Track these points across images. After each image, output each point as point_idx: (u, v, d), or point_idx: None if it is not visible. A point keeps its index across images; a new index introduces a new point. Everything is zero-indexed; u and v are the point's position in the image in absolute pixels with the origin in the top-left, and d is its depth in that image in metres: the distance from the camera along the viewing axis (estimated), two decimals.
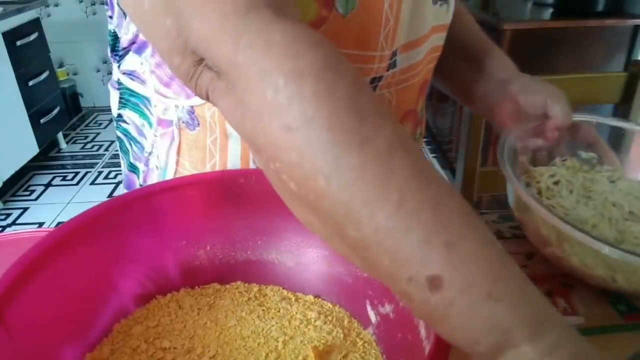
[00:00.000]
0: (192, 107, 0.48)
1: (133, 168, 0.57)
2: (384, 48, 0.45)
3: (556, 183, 0.54)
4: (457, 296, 0.23)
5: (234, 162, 0.49)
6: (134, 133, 0.55)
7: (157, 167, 0.54)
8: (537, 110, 0.55)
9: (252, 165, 0.49)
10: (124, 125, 0.56)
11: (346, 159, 0.24)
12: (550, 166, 0.56)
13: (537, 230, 0.47)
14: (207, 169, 0.51)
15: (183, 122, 0.50)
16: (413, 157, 0.26)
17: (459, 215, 0.25)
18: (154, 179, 0.55)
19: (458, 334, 0.24)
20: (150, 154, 0.54)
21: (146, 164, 0.55)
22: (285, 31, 0.27)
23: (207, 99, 0.31)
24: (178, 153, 0.52)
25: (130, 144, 0.56)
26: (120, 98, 0.55)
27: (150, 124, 0.53)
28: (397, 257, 0.24)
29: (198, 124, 0.49)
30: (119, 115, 0.57)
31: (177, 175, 0.53)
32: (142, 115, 0.53)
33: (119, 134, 0.58)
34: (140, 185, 0.57)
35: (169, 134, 0.52)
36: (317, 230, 0.29)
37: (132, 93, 0.53)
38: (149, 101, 0.52)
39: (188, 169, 0.52)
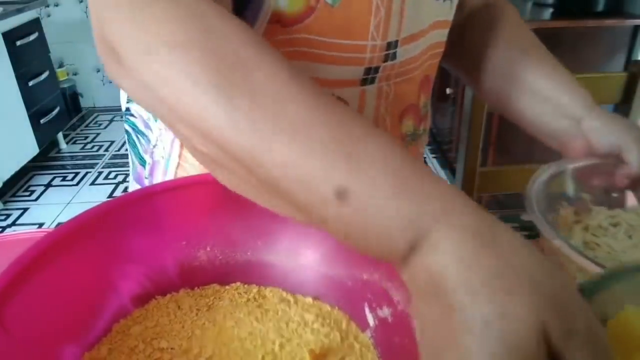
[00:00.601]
0: None
1: (143, 162, 0.58)
2: (375, 38, 0.45)
3: (615, 225, 0.49)
4: (365, 203, 0.24)
5: None
6: (141, 126, 0.56)
7: (162, 157, 0.55)
8: (611, 152, 0.51)
9: None
10: (131, 118, 0.58)
11: (237, 108, 0.26)
12: (618, 209, 0.51)
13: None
14: None
15: None
16: (307, 90, 0.27)
17: (357, 127, 0.26)
18: (159, 170, 0.56)
19: (376, 243, 0.25)
20: (155, 146, 0.55)
21: (152, 156, 0.56)
22: (167, 6, 0.29)
23: (118, 84, 0.33)
24: (181, 145, 0.53)
25: (138, 137, 0.58)
26: None
27: (156, 117, 0.53)
28: (304, 182, 0.25)
29: None
30: (127, 109, 0.58)
31: (179, 169, 0.54)
32: None
33: (127, 127, 0.59)
34: (146, 178, 0.58)
35: None
36: (241, 189, 0.31)
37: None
38: None
39: (190, 162, 0.53)
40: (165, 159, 0.54)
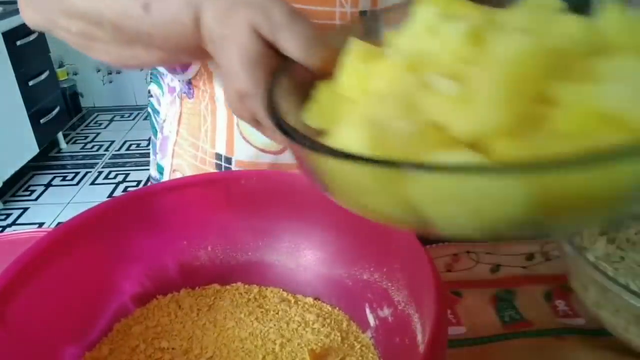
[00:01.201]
0: (189, 80, 0.55)
1: (157, 137, 0.64)
2: (344, 4, 0.45)
3: None
4: (161, 5, 0.36)
5: (221, 125, 0.53)
6: (156, 104, 0.62)
7: (170, 132, 0.59)
8: None
9: (236, 130, 0.53)
10: (150, 99, 0.64)
11: None
12: None
13: None
14: (202, 133, 0.55)
15: (184, 93, 0.56)
16: None
17: None
18: (165, 146, 0.60)
19: (178, 33, 0.36)
20: (164, 121, 0.60)
21: (162, 132, 0.61)
22: None
23: (31, 25, 0.45)
24: (178, 122, 0.57)
25: (154, 116, 0.63)
26: (150, 73, 0.65)
27: (163, 93, 0.60)
28: (127, 13, 0.37)
29: (193, 93, 0.56)
30: (148, 91, 0.65)
31: (177, 146, 0.58)
32: (159, 85, 0.61)
33: (149, 109, 0.66)
34: (157, 153, 0.63)
35: (175, 102, 0.58)
36: (109, 53, 0.41)
37: (155, 68, 0.61)
38: (164, 74, 0.59)
39: (185, 137, 0.56)
40: (168, 136, 0.59)
